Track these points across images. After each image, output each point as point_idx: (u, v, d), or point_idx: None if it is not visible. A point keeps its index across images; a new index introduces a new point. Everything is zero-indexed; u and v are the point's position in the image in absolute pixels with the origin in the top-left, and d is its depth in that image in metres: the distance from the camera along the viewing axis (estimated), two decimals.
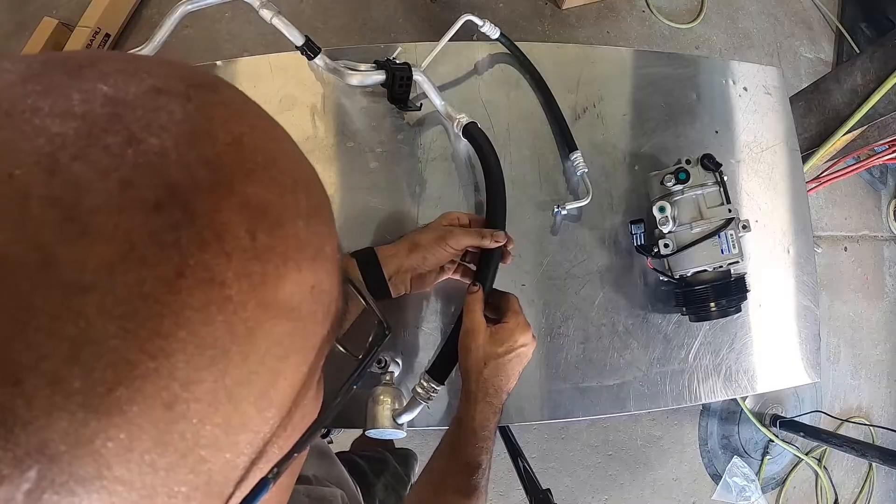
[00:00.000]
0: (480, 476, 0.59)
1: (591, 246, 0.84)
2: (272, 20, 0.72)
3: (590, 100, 0.89)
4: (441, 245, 0.66)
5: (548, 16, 1.95)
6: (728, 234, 0.74)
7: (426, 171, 0.83)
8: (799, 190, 0.93)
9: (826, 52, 2.17)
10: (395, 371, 0.73)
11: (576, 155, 0.83)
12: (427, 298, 0.79)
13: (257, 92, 0.84)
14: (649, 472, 1.75)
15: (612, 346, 0.81)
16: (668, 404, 0.82)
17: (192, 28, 1.77)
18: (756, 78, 0.96)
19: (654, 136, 0.89)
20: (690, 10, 2.08)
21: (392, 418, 0.67)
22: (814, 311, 0.90)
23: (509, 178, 0.73)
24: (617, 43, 1.97)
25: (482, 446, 0.59)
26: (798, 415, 1.80)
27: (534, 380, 0.79)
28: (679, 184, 0.75)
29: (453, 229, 0.67)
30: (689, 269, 0.76)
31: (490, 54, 0.88)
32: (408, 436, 0.69)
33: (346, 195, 0.81)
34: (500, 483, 1.67)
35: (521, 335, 0.62)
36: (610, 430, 1.74)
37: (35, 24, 1.68)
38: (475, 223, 0.71)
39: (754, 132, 0.93)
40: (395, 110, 0.84)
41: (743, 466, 1.77)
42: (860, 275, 2.00)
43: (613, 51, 0.95)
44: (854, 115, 1.30)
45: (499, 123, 0.86)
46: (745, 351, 0.85)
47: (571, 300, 0.82)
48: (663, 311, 0.83)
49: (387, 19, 1.86)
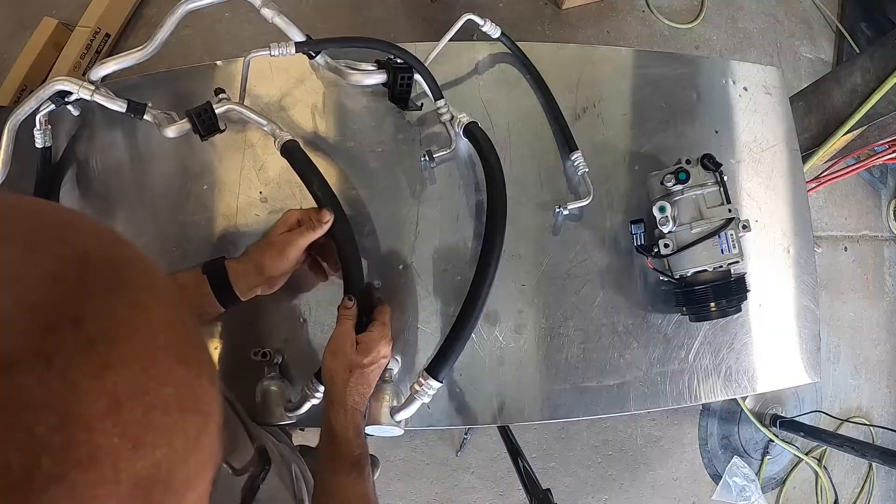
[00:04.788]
0: (366, 473, 0.63)
1: (591, 246, 0.84)
2: (273, 19, 0.72)
3: (590, 100, 0.89)
4: (282, 260, 0.67)
5: (548, 16, 1.95)
6: (728, 234, 0.74)
7: (426, 171, 0.83)
8: (799, 190, 0.93)
9: (826, 52, 2.17)
10: (394, 369, 0.74)
11: (576, 155, 0.83)
12: (426, 299, 0.79)
13: (257, 92, 0.84)
14: (649, 472, 1.75)
15: (612, 346, 0.81)
16: (668, 404, 0.82)
17: (192, 28, 1.76)
18: (756, 78, 0.96)
19: (654, 136, 0.89)
20: (690, 10, 2.08)
21: (390, 415, 0.67)
22: (814, 311, 0.90)
23: (510, 177, 0.73)
24: (617, 43, 1.97)
25: (359, 453, 0.63)
26: (798, 415, 1.80)
27: (534, 380, 0.79)
28: (679, 184, 0.75)
29: (288, 238, 0.68)
30: (689, 269, 0.76)
31: (490, 54, 0.88)
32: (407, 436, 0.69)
33: (346, 195, 0.81)
34: (501, 483, 1.66)
35: (384, 347, 0.66)
36: (610, 430, 1.74)
37: (35, 24, 1.68)
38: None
39: (754, 132, 0.93)
40: (396, 110, 0.84)
41: (743, 466, 1.76)
42: (860, 275, 2.00)
43: (613, 51, 0.95)
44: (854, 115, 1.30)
45: (499, 123, 0.86)
46: (745, 351, 0.85)
47: (571, 300, 0.82)
48: (663, 311, 0.83)
49: (387, 19, 1.86)
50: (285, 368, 0.77)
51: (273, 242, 0.68)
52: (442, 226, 0.82)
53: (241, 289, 0.67)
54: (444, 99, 0.78)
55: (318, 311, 0.79)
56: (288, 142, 0.71)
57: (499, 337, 0.80)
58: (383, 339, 0.67)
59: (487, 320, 0.80)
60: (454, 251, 0.81)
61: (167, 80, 0.88)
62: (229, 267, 0.67)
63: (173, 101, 0.85)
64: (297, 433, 1.07)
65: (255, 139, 0.83)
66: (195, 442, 0.23)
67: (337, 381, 0.63)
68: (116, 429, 0.20)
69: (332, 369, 0.64)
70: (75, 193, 0.87)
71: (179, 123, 0.72)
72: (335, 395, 0.63)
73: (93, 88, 0.74)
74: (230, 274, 0.66)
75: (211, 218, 0.82)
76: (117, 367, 0.20)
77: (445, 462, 1.65)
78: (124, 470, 0.20)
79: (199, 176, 0.84)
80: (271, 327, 0.78)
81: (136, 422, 0.20)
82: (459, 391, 0.78)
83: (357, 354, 0.64)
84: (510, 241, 0.76)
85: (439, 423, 0.78)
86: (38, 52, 1.64)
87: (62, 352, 0.19)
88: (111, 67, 0.72)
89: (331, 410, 0.63)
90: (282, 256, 0.67)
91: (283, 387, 0.73)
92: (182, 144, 0.82)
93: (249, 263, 0.68)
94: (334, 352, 0.65)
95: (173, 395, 0.22)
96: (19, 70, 1.63)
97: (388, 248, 0.81)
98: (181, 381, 0.23)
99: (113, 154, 0.86)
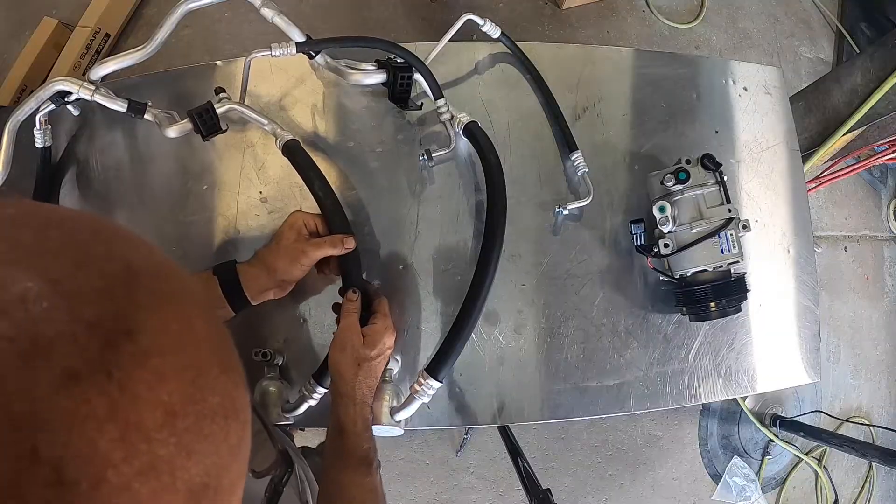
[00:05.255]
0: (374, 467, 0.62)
1: (591, 246, 0.84)
2: (273, 19, 0.72)
3: (590, 100, 0.89)
4: (296, 266, 0.68)
5: (548, 16, 1.95)
6: (728, 233, 0.74)
7: (425, 171, 0.83)
8: (799, 190, 0.93)
9: (826, 52, 2.17)
10: (394, 369, 0.74)
11: (576, 155, 0.83)
12: (427, 299, 0.79)
13: (257, 91, 0.84)
14: (649, 472, 1.75)
15: (612, 346, 0.81)
16: (668, 404, 0.82)
17: (192, 28, 1.76)
18: (756, 78, 0.96)
19: (654, 136, 0.89)
20: (690, 10, 2.08)
21: (390, 415, 0.67)
22: (814, 311, 0.90)
23: (510, 177, 0.73)
24: (617, 43, 1.97)
25: (367, 446, 0.63)
26: (798, 415, 1.80)
27: (534, 380, 0.79)
28: (679, 184, 0.75)
29: (305, 248, 0.68)
30: (689, 268, 0.76)
31: (490, 54, 0.88)
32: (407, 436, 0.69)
33: (346, 195, 0.81)
34: (500, 483, 1.66)
35: (388, 338, 0.67)
36: (610, 430, 1.74)
37: (35, 24, 1.68)
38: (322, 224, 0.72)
39: (754, 132, 0.93)
40: (396, 110, 0.84)
41: (743, 466, 1.76)
42: (860, 275, 2.00)
43: (613, 51, 0.95)
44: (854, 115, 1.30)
45: (499, 123, 0.86)
46: (745, 351, 0.85)
47: (571, 300, 0.82)
48: (663, 311, 0.83)
49: (387, 19, 1.86)
50: (285, 369, 0.77)
51: (287, 249, 0.68)
52: (442, 226, 0.82)
53: (252, 292, 0.67)
54: (444, 99, 0.78)
55: (317, 312, 0.79)
56: (290, 141, 0.71)
57: (499, 337, 0.80)
58: (387, 330, 0.67)
59: (487, 320, 0.80)
60: (454, 251, 0.81)
61: (167, 80, 0.88)
62: (240, 270, 0.67)
63: (173, 101, 0.85)
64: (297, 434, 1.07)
65: (255, 139, 0.83)
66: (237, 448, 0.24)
67: (346, 376, 0.63)
68: (173, 438, 0.20)
69: (341, 363, 0.64)
70: (75, 193, 0.87)
71: (181, 123, 0.72)
72: (344, 389, 0.63)
73: (93, 89, 0.74)
74: (241, 277, 0.66)
75: (211, 218, 0.82)
76: (171, 379, 0.21)
77: (445, 462, 1.65)
78: (180, 478, 0.20)
79: (199, 176, 0.84)
80: (272, 328, 0.79)
81: (190, 431, 0.21)
82: (459, 391, 0.78)
83: (364, 348, 0.64)
84: (510, 241, 0.76)
85: (439, 423, 0.78)
86: (38, 52, 1.64)
87: (120, 365, 0.20)
88: (111, 67, 0.72)
89: (339, 405, 0.63)
90: (295, 263, 0.67)
91: (281, 387, 0.73)
92: (182, 144, 0.82)
93: (261, 267, 0.68)
94: (341, 346, 0.64)
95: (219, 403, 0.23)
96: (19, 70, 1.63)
97: (388, 248, 0.81)
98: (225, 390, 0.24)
99: (113, 154, 0.86)
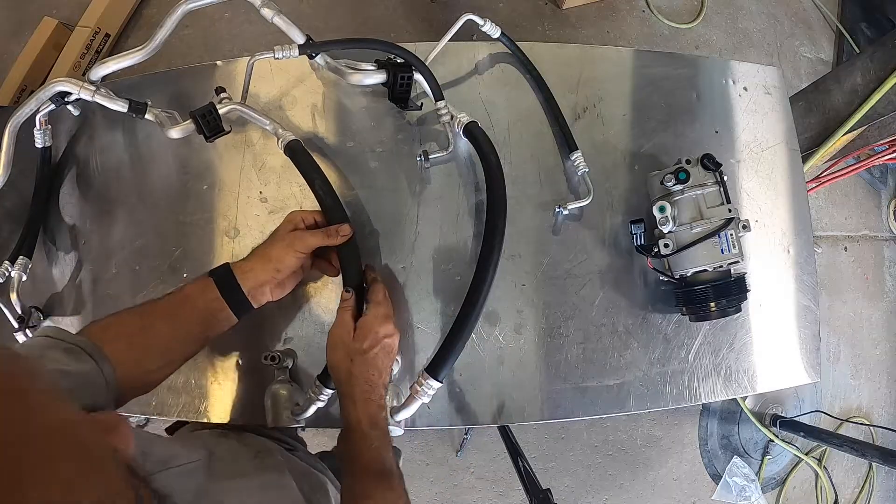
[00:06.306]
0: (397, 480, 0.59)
1: (591, 246, 0.84)
2: (273, 19, 0.72)
3: (590, 100, 0.89)
4: (291, 253, 0.67)
5: (548, 16, 1.95)
6: (728, 233, 0.74)
7: (422, 171, 0.83)
8: (799, 190, 0.93)
9: (826, 52, 2.17)
10: (394, 369, 0.74)
11: (576, 155, 0.83)
12: (426, 299, 0.79)
13: (257, 91, 0.84)
14: (649, 472, 1.75)
15: (612, 346, 0.81)
16: (668, 404, 0.82)
17: (192, 28, 1.77)
18: (756, 78, 0.96)
19: (654, 136, 0.89)
20: (690, 10, 2.08)
21: (390, 415, 0.67)
22: (814, 311, 0.90)
23: (510, 177, 0.73)
24: (617, 43, 1.97)
25: (377, 445, 0.60)
26: (798, 415, 1.81)
27: (534, 380, 0.79)
28: (679, 184, 0.75)
29: (299, 234, 0.68)
30: (689, 268, 0.76)
31: (490, 54, 0.88)
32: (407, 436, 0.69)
33: (346, 195, 0.81)
34: (500, 483, 1.66)
35: (380, 327, 0.64)
36: (610, 430, 1.74)
37: (35, 24, 1.68)
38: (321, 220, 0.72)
39: (754, 132, 0.93)
40: (396, 110, 0.84)
41: (743, 466, 1.77)
42: (860, 275, 2.00)
43: (613, 51, 0.95)
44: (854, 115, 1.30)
45: (499, 123, 0.86)
46: (745, 351, 0.85)
47: (571, 300, 0.82)
48: (663, 311, 0.83)
49: (387, 19, 1.86)
50: (295, 372, 0.77)
51: (282, 236, 0.68)
52: (442, 226, 0.82)
53: (249, 285, 0.65)
54: (444, 99, 0.78)
55: (327, 316, 0.79)
56: (292, 142, 0.71)
57: (499, 337, 0.80)
58: (377, 318, 0.65)
59: (487, 320, 0.80)
60: (454, 251, 0.81)
61: (167, 80, 0.88)
62: (235, 267, 0.66)
63: (173, 101, 0.85)
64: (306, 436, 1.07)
65: (254, 139, 0.83)
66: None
67: (340, 373, 0.63)
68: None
69: (334, 361, 0.64)
70: (75, 193, 0.87)
71: (184, 124, 0.72)
72: (342, 388, 0.63)
73: (93, 89, 0.74)
74: (237, 272, 0.66)
75: (211, 218, 0.82)
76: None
77: (445, 462, 1.65)
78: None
79: (199, 176, 0.84)
80: (281, 332, 0.79)
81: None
82: (459, 391, 0.78)
83: (354, 341, 0.63)
84: (510, 241, 0.76)
85: (439, 423, 0.78)
86: (38, 52, 1.64)
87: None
88: (111, 67, 0.72)
89: (343, 405, 0.63)
90: (289, 249, 0.67)
91: (291, 390, 0.73)
92: (182, 144, 0.82)
93: (255, 258, 0.68)
94: (333, 345, 0.64)
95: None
96: (19, 70, 1.64)
97: (388, 248, 0.81)
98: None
99: (113, 154, 0.86)
